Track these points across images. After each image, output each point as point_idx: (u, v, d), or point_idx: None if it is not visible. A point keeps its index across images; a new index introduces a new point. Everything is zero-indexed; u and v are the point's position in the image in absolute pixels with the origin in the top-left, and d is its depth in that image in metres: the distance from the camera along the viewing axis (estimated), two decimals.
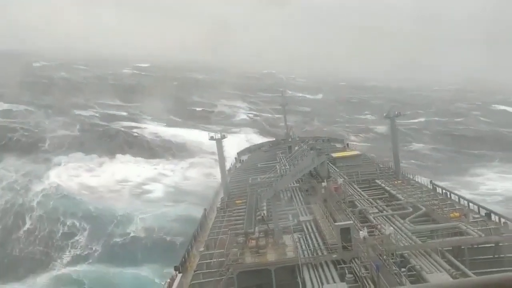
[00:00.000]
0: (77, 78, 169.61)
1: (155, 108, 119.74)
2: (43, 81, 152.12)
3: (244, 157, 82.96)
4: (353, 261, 27.92)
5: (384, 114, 54.46)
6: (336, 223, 32.76)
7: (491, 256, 27.97)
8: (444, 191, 44.44)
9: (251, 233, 33.09)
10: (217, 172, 56.85)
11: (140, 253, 56.40)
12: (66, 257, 57.33)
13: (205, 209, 49.74)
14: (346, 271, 26.98)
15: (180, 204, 71.10)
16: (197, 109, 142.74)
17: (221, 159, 52.02)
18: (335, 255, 28.98)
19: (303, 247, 31.23)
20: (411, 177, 51.37)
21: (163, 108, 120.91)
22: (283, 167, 62.22)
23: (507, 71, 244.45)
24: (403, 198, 39.95)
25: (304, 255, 29.58)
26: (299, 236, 33.45)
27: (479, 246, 28.55)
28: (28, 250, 58.76)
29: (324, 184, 44.46)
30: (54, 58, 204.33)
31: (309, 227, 35.88)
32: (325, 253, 29.91)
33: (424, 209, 36.15)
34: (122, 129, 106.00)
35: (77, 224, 63.70)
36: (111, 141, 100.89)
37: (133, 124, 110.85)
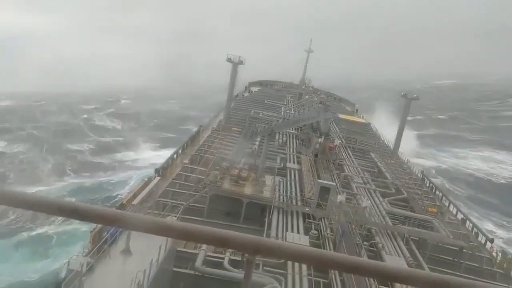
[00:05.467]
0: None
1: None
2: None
3: (254, 89, 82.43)
4: (322, 220, 28.54)
5: (402, 94, 53.81)
6: (319, 180, 33.18)
7: (451, 259, 28.66)
8: (431, 185, 44.81)
9: (236, 162, 33.50)
10: None
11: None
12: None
13: (200, 126, 50.06)
14: (313, 227, 27.64)
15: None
16: None
17: (232, 84, 51.68)
18: (308, 209, 29.58)
19: (281, 191, 31.77)
20: (405, 161, 51.58)
21: None
22: (288, 111, 62.18)
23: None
24: (390, 178, 40.29)
25: (278, 199, 30.17)
26: (281, 180, 33.92)
27: (444, 245, 29.18)
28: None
29: (320, 140, 44.56)
30: None
31: (293, 175, 36.33)
32: (299, 204, 30.51)
33: (405, 194, 36.57)
34: None
35: None
36: None
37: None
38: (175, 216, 25.11)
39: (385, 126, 66.10)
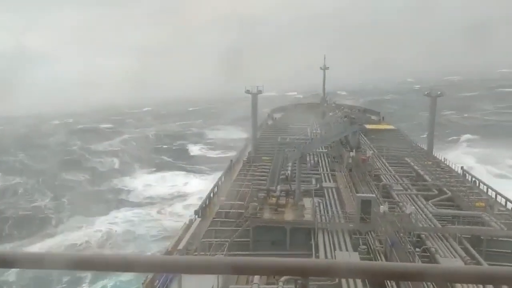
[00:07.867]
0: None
1: None
2: None
3: (277, 115, 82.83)
4: (368, 233, 28.06)
5: (426, 92, 53.00)
6: (358, 194, 32.79)
7: (509, 251, 27.62)
8: (473, 179, 43.55)
9: (272, 190, 33.49)
10: None
11: None
12: None
13: (231, 161, 50.40)
14: (360, 242, 27.19)
15: None
16: None
17: (254, 114, 52.07)
18: (352, 225, 29.17)
19: (322, 212, 31.49)
20: (443, 159, 50.44)
21: None
22: (314, 131, 62.11)
23: None
24: (430, 180, 39.42)
25: (321, 220, 29.89)
26: (319, 201, 33.66)
27: (499, 239, 28.19)
28: None
29: (352, 153, 44.16)
30: None
31: (330, 193, 36.00)
32: (342, 221, 30.13)
33: (449, 193, 35.66)
34: None
35: None
36: None
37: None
38: (222, 254, 25.14)
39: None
